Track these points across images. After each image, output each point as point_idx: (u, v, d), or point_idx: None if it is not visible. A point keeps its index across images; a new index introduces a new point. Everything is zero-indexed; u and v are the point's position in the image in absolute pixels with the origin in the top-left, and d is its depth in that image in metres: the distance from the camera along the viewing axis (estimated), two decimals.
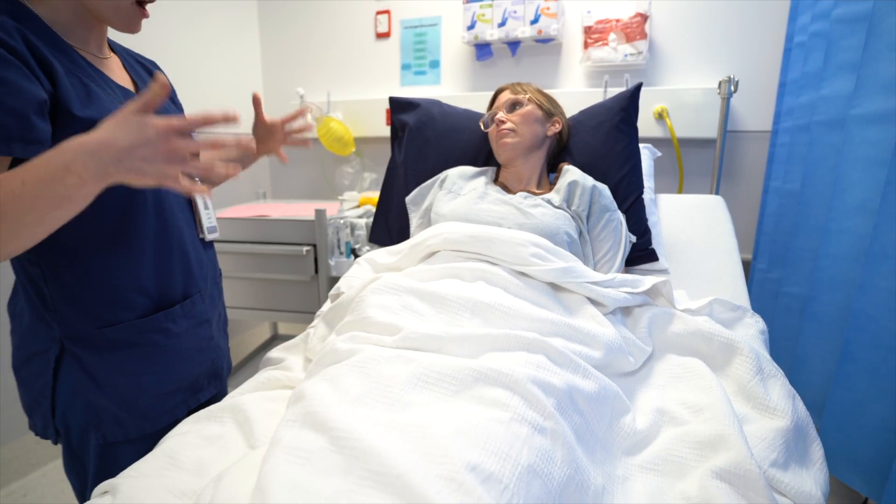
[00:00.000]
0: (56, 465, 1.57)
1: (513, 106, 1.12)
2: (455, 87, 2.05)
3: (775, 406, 0.70)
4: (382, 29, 2.13)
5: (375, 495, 0.46)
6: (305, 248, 1.54)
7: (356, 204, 1.83)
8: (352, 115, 2.17)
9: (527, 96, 1.12)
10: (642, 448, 0.66)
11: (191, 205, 0.77)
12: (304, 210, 1.74)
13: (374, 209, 1.76)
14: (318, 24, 2.22)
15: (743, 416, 0.69)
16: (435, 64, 2.08)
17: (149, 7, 0.69)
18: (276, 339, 2.25)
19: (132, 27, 0.67)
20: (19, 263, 0.67)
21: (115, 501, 0.59)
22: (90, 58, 0.67)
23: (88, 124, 0.59)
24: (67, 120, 0.59)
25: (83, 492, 0.76)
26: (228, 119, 0.54)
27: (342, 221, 1.58)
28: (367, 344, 0.70)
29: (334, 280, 1.61)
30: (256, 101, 0.89)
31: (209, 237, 0.81)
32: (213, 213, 0.83)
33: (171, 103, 0.82)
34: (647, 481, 0.61)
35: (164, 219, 0.71)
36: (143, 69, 0.79)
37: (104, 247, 0.67)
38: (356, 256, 1.61)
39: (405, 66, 2.14)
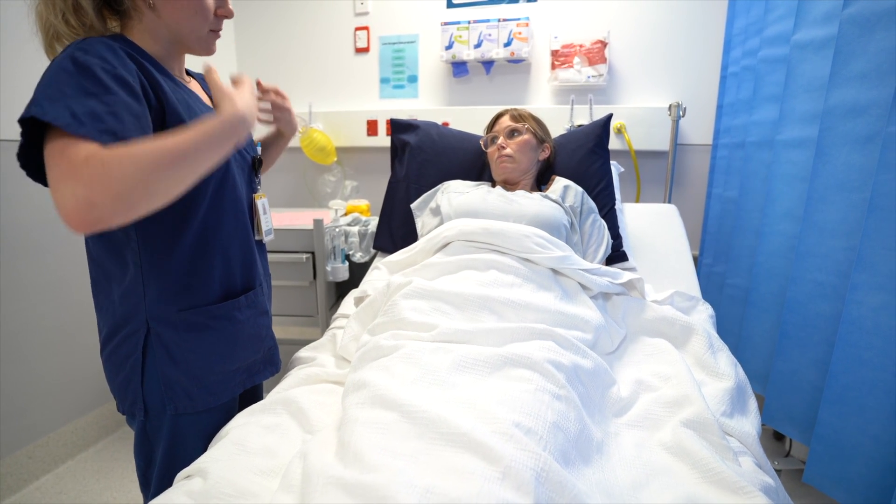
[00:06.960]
0: (50, 479, 1.58)
1: (511, 133, 1.29)
2: (432, 101, 2.20)
3: (723, 372, 0.91)
4: (361, 44, 2.23)
5: (449, 449, 0.61)
6: (305, 256, 1.65)
7: (344, 212, 1.95)
8: (333, 125, 2.27)
9: (525, 126, 1.29)
10: (627, 410, 0.85)
11: (251, 210, 0.90)
12: (294, 219, 1.82)
13: (361, 217, 1.88)
14: (297, 38, 2.28)
15: (700, 380, 0.90)
16: (413, 79, 2.22)
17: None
18: None
19: (210, 50, 0.82)
20: (117, 253, 0.77)
21: (207, 481, 0.69)
22: (180, 80, 0.81)
23: None
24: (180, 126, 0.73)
25: (146, 471, 0.87)
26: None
27: (337, 230, 1.69)
28: (407, 340, 0.85)
29: (331, 284, 1.73)
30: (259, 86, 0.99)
31: (266, 239, 0.94)
32: (270, 218, 0.95)
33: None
34: (633, 434, 0.79)
35: (237, 218, 0.84)
36: None
37: (192, 239, 0.79)
38: (349, 262, 1.73)
39: (384, 80, 2.25)
